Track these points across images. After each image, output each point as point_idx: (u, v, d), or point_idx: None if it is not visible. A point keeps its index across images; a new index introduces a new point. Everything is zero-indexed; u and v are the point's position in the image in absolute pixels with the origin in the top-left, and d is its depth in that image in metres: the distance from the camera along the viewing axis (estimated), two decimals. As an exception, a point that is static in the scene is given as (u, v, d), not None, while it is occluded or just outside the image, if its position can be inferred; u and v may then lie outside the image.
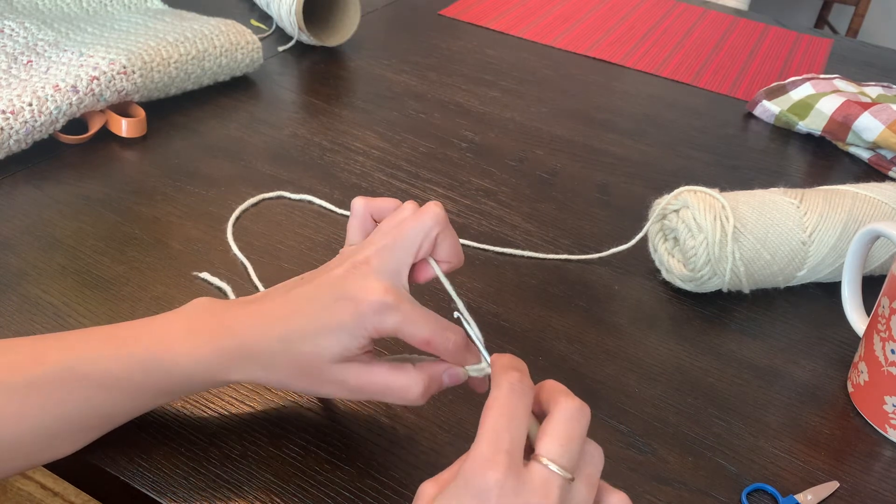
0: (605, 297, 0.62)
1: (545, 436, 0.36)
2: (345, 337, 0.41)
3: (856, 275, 0.58)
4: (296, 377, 0.42)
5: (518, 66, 0.97)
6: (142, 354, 0.42)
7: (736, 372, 0.56)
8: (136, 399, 0.43)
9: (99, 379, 0.41)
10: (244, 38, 0.82)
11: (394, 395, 0.42)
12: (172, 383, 0.42)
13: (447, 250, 0.44)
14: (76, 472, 0.47)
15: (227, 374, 0.42)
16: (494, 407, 0.36)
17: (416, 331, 0.41)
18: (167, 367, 0.42)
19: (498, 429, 0.35)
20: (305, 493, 0.44)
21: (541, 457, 0.35)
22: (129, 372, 0.42)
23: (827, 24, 2.73)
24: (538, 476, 0.34)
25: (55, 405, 0.41)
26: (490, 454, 0.34)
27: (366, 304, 0.40)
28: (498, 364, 0.39)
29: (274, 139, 0.76)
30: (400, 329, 0.41)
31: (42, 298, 0.55)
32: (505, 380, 0.37)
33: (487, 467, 0.34)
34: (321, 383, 0.42)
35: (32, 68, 0.71)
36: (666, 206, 0.62)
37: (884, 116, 0.81)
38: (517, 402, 0.36)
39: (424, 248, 0.43)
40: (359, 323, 0.40)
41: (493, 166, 0.76)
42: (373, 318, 0.40)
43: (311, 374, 0.42)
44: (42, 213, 0.63)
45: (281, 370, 0.42)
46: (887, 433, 0.53)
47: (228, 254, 0.61)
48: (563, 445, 0.35)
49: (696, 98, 0.95)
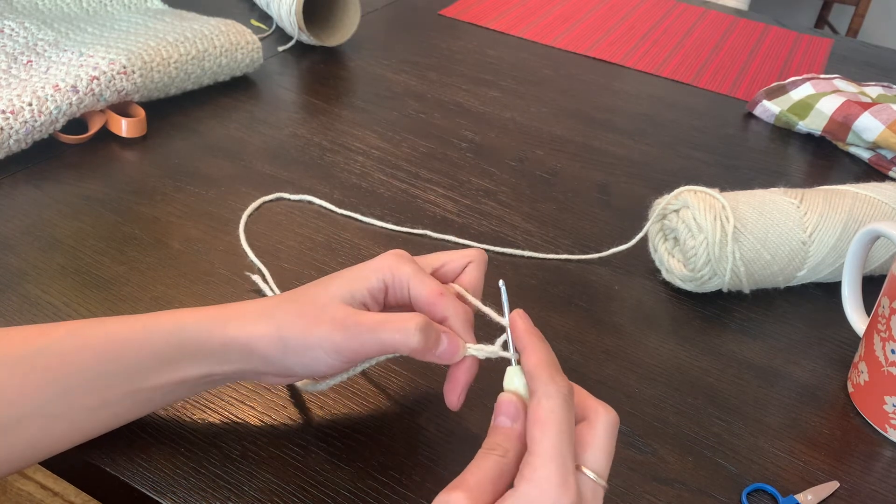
0: (605, 297, 0.62)
1: (592, 448, 0.36)
2: (357, 278, 0.43)
3: (856, 275, 0.58)
4: (292, 319, 0.41)
5: (518, 66, 0.97)
6: (145, 320, 0.42)
7: (736, 372, 0.56)
8: (133, 371, 0.42)
9: (101, 345, 0.41)
10: (244, 38, 0.82)
11: (390, 330, 0.41)
12: (172, 345, 0.42)
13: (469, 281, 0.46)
14: (76, 472, 0.47)
15: (220, 327, 0.42)
16: (554, 422, 0.35)
17: (429, 281, 0.43)
18: (167, 328, 0.42)
19: (562, 449, 0.34)
20: (305, 493, 0.44)
21: (589, 468, 0.35)
22: (129, 333, 0.42)
23: (827, 24, 2.73)
24: (591, 491, 0.35)
25: (56, 379, 0.41)
26: (562, 479, 0.34)
27: (382, 256, 0.44)
28: (538, 367, 0.37)
29: (274, 139, 0.76)
30: (413, 277, 0.43)
31: (42, 298, 0.55)
32: (557, 390, 0.35)
33: (562, 493, 0.33)
34: (317, 322, 0.41)
35: (32, 68, 0.71)
36: (666, 206, 0.62)
37: (884, 116, 0.81)
38: (571, 415, 0.35)
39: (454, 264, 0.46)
40: (373, 266, 0.43)
41: (493, 166, 0.76)
42: (388, 262, 0.43)
43: (310, 314, 0.41)
44: (42, 213, 0.63)
45: (278, 315, 0.42)
46: (887, 433, 0.53)
47: (229, 254, 0.61)
48: (607, 460, 0.36)
49: (696, 98, 0.95)
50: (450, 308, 0.43)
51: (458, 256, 0.46)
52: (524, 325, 0.39)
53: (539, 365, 0.37)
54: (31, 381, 0.40)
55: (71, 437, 0.42)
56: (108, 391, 0.42)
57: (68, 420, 0.42)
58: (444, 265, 0.46)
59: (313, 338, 0.41)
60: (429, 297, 0.42)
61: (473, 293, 0.45)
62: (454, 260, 0.46)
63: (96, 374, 0.41)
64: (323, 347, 0.41)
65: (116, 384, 0.42)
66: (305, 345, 0.41)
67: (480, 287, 0.46)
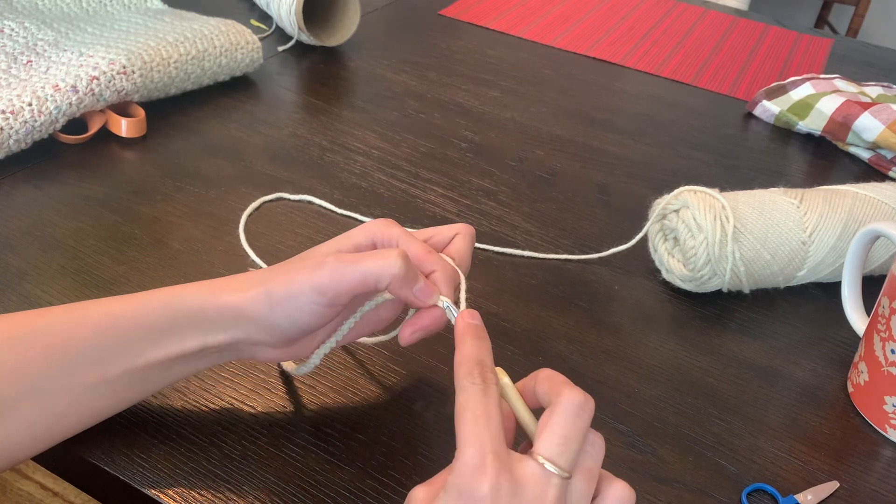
0: (605, 297, 0.62)
1: (543, 432, 0.35)
2: (345, 238, 0.45)
3: (856, 275, 0.58)
4: (279, 273, 0.42)
5: (518, 66, 0.97)
6: (141, 296, 0.43)
7: (736, 372, 0.56)
8: (131, 344, 0.42)
9: (98, 320, 0.42)
10: (244, 38, 0.82)
11: (372, 258, 0.41)
12: (165, 315, 0.42)
13: (456, 251, 0.46)
14: (76, 472, 0.47)
15: (213, 296, 0.43)
16: (468, 410, 0.35)
17: (416, 241, 0.44)
18: (162, 300, 0.43)
19: (478, 432, 0.34)
20: (305, 493, 0.44)
21: (538, 455, 0.34)
22: (126, 308, 0.43)
23: (827, 24, 2.73)
24: (533, 476, 0.34)
25: (54, 356, 0.41)
26: (478, 460, 0.33)
27: (372, 221, 0.45)
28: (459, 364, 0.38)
29: (274, 139, 0.76)
30: (402, 237, 0.44)
31: (42, 298, 0.55)
32: (468, 381, 0.36)
33: (479, 473, 0.33)
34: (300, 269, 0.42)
35: (32, 68, 0.71)
36: (666, 206, 0.62)
37: (884, 116, 0.81)
38: (488, 400, 0.36)
39: (441, 235, 0.47)
40: (362, 229, 0.44)
41: (493, 166, 0.76)
42: (378, 225, 0.44)
43: (297, 263, 0.43)
44: (42, 213, 0.63)
45: (267, 277, 0.43)
46: (887, 433, 0.53)
47: (228, 254, 0.61)
48: (563, 444, 0.34)
49: (696, 98, 0.95)
50: (437, 263, 0.44)
51: (445, 229, 0.47)
52: (462, 325, 0.40)
53: (459, 363, 0.38)
54: (29, 358, 0.41)
55: (70, 419, 0.42)
56: (106, 367, 0.42)
57: (67, 399, 0.42)
58: (432, 237, 0.47)
59: (296, 284, 0.42)
60: (418, 254, 0.43)
61: (460, 262, 0.46)
62: (441, 232, 0.47)
63: (94, 349, 0.42)
64: (304, 292, 0.41)
65: (115, 359, 0.42)
66: (289, 293, 0.42)
67: (468, 257, 0.47)
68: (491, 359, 0.39)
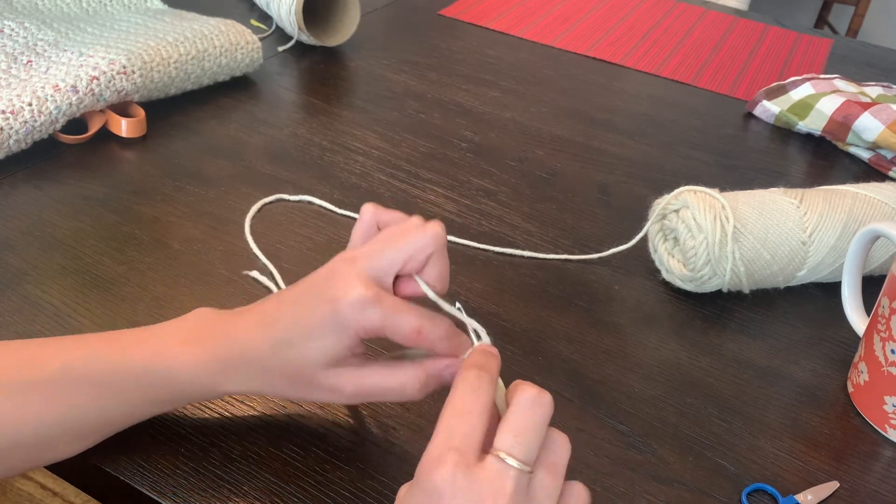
0: (605, 297, 0.62)
1: (500, 428, 0.35)
2: (329, 339, 0.40)
3: (856, 275, 0.58)
4: (289, 386, 0.42)
5: (518, 66, 0.97)
6: (139, 362, 0.42)
7: (736, 372, 0.56)
8: (132, 406, 0.43)
9: (96, 382, 0.41)
10: (244, 38, 0.82)
11: (391, 395, 0.42)
12: (168, 391, 0.42)
13: (435, 275, 0.42)
14: (76, 472, 0.47)
15: (223, 384, 0.42)
16: (450, 404, 0.36)
17: (402, 321, 0.39)
18: (162, 376, 0.42)
19: (449, 426, 0.35)
20: (305, 493, 0.44)
21: (496, 450, 0.35)
22: (125, 377, 0.41)
23: (827, 24, 2.73)
24: (491, 469, 0.34)
25: (53, 408, 0.41)
26: (438, 453, 0.34)
27: (345, 303, 0.39)
28: (461, 370, 0.38)
29: (274, 139, 0.76)
30: (385, 323, 0.39)
31: (42, 298, 0.55)
32: (459, 378, 0.37)
33: (435, 465, 0.34)
34: (316, 390, 0.42)
35: (32, 68, 0.71)
36: (666, 206, 0.62)
37: (884, 116, 0.81)
38: (470, 397, 0.36)
39: (416, 260, 0.41)
40: (340, 323, 0.39)
41: (493, 166, 0.76)
42: (354, 316, 0.39)
43: (304, 382, 0.42)
44: (42, 213, 0.63)
45: (274, 378, 0.42)
46: (887, 433, 0.53)
47: (229, 254, 0.61)
48: (518, 436, 0.35)
49: (696, 98, 0.95)
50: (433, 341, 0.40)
51: (417, 251, 0.41)
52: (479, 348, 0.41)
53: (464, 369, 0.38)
54: (28, 411, 0.40)
55: (72, 451, 0.43)
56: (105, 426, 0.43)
57: (68, 444, 0.42)
58: (406, 264, 0.41)
59: (315, 399, 0.43)
60: (407, 339, 0.40)
61: (441, 285, 0.42)
62: (415, 257, 0.41)
63: (96, 409, 0.42)
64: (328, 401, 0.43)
65: (115, 419, 0.43)
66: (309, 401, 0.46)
67: (446, 275, 0.43)
68: (496, 371, 0.39)
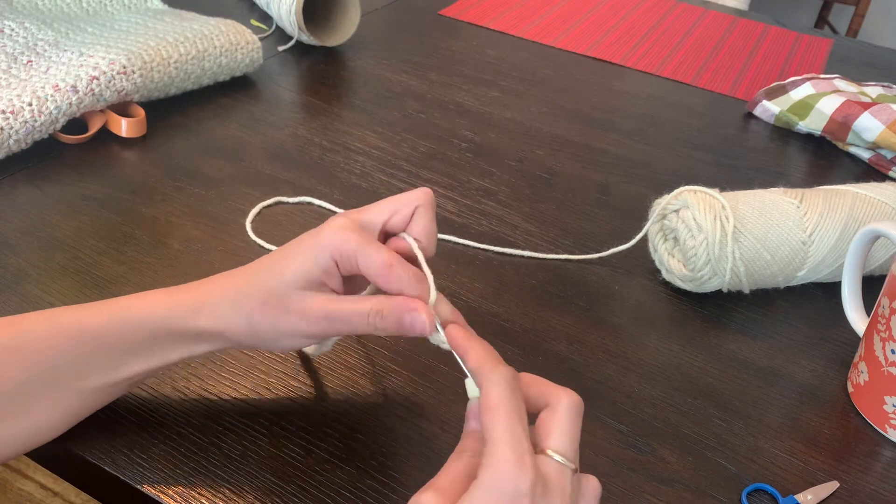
0: (605, 297, 0.62)
1: (555, 431, 0.36)
2: (307, 258, 0.42)
3: (856, 275, 0.58)
4: (259, 309, 0.42)
5: (518, 66, 0.97)
6: (114, 308, 0.43)
7: (736, 372, 0.56)
8: (109, 361, 0.43)
9: (74, 329, 0.42)
10: (244, 38, 0.82)
11: (357, 321, 0.42)
12: (144, 334, 0.43)
13: (420, 229, 0.43)
14: (76, 472, 0.47)
15: (194, 319, 0.43)
16: (502, 408, 0.35)
17: (376, 253, 0.41)
18: (139, 317, 0.43)
19: (514, 430, 0.35)
20: (305, 493, 0.44)
21: (553, 452, 0.36)
22: (98, 321, 0.43)
23: (827, 24, 2.73)
24: (556, 472, 0.35)
25: (31, 366, 0.42)
26: (517, 459, 0.34)
27: (326, 227, 0.42)
28: (481, 361, 0.38)
29: (274, 139, 0.76)
30: (359, 249, 0.41)
31: (42, 298, 0.55)
32: (502, 377, 0.37)
33: (519, 472, 0.34)
34: (285, 313, 0.42)
35: (32, 68, 0.71)
36: (666, 206, 0.62)
37: (884, 116, 0.81)
38: (518, 397, 0.36)
39: (402, 214, 0.43)
40: (319, 243, 0.41)
41: (493, 166, 0.76)
42: (331, 236, 0.41)
43: (274, 304, 0.42)
44: (42, 213, 0.63)
45: (250, 306, 0.42)
46: (887, 433, 0.53)
47: (228, 254, 0.61)
48: (572, 441, 0.36)
49: (696, 98, 0.95)
50: (403, 280, 0.41)
51: (403, 204, 0.44)
52: (458, 333, 0.40)
53: (479, 360, 0.38)
54: (5, 363, 0.41)
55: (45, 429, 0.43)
56: (84, 379, 0.43)
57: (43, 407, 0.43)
58: (392, 217, 0.43)
59: (283, 327, 0.43)
60: (378, 272, 0.41)
61: (427, 239, 0.44)
62: (400, 210, 0.43)
63: (73, 361, 0.42)
64: (292, 334, 0.43)
65: (94, 371, 0.43)
66: (277, 332, 0.43)
67: (434, 232, 0.44)
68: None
